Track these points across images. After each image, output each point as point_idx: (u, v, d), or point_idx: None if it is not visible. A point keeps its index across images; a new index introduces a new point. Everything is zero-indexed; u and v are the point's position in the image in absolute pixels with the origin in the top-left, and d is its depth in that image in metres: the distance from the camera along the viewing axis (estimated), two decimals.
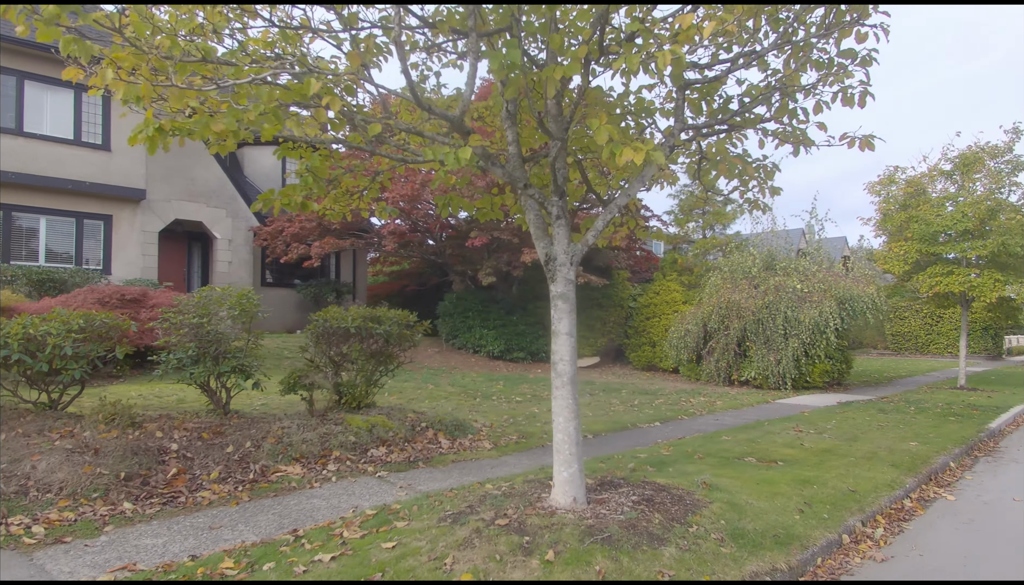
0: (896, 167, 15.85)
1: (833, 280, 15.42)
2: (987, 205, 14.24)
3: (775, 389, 14.77)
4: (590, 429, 8.93)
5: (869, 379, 18.53)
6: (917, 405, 12.22)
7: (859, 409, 11.43)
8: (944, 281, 14.92)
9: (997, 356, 33.62)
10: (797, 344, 14.55)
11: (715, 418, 10.38)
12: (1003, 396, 14.45)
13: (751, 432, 8.72)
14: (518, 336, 18.65)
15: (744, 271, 16.09)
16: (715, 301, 15.98)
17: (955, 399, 13.46)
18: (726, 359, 15.62)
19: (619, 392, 13.40)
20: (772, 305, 15.09)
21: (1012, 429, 10.87)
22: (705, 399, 12.63)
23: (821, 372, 15.10)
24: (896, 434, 8.88)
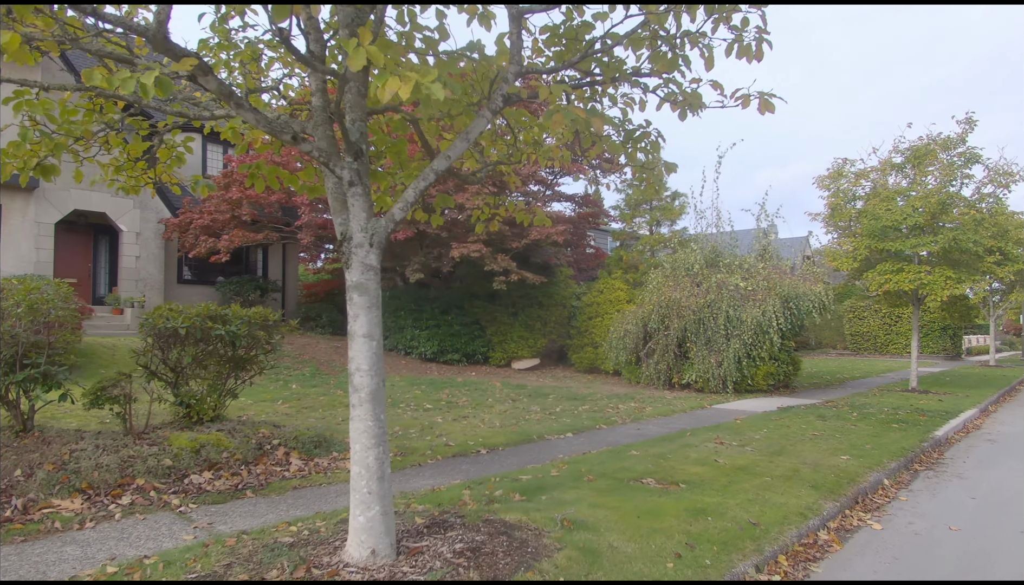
0: (845, 159, 15.05)
1: (778, 278, 14.56)
2: (938, 198, 13.47)
3: (716, 393, 13.84)
4: (489, 442, 7.83)
5: (820, 381, 17.75)
6: (861, 410, 11.35)
7: (797, 415, 10.51)
8: (894, 279, 14.14)
9: (956, 356, 33.38)
10: (739, 345, 13.64)
11: (637, 427, 9.35)
12: (955, 399, 13.70)
13: (666, 445, 7.69)
14: (452, 337, 17.51)
15: (686, 268, 15.15)
16: (655, 300, 15.02)
17: (903, 403, 12.65)
18: (666, 361, 14.66)
19: (546, 398, 12.33)
20: (714, 304, 14.17)
21: (960, 437, 10.04)
22: (635, 405, 11.62)
23: (765, 374, 14.21)
24: (829, 445, 7.93)
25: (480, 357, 17.91)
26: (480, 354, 17.87)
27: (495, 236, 15.61)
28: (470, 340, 17.72)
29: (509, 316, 18.04)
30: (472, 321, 18.11)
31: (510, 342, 17.88)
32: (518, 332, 17.92)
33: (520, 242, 15.85)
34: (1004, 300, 28.61)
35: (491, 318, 18.05)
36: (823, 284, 15.04)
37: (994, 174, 14.61)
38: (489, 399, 11.88)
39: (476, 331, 17.96)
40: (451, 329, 17.60)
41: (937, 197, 13.46)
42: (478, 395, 12.40)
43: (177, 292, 17.90)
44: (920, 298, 15.23)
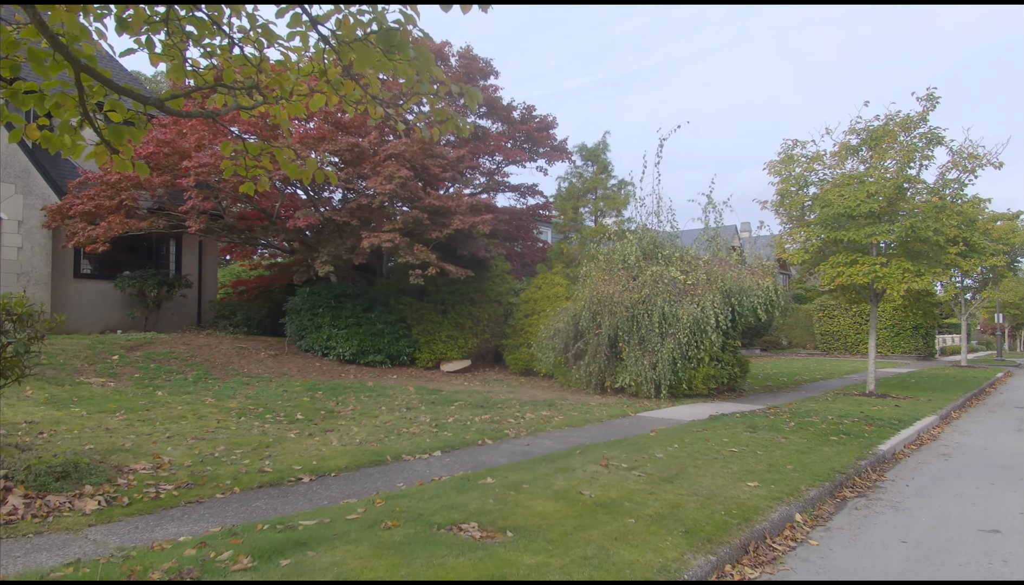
0: (795, 141, 13.68)
1: (721, 270, 13.15)
2: (894, 183, 12.13)
3: (650, 398, 12.41)
4: (324, 466, 6.32)
5: (775, 384, 16.40)
6: (802, 418, 9.95)
7: (725, 426, 9.08)
8: (847, 272, 12.81)
9: (929, 356, 32.31)
10: (673, 345, 12.21)
11: (527, 443, 7.87)
12: (914, 405, 12.38)
13: (538, 469, 6.21)
14: (375, 336, 15.96)
15: (623, 260, 13.70)
16: (587, 295, 13.57)
17: (853, 410, 11.28)
18: (597, 363, 13.20)
19: (449, 406, 10.83)
20: (649, 299, 12.73)
21: (910, 451, 8.66)
22: (547, 414, 10.14)
23: (705, 378, 12.80)
24: (741, 466, 6.49)
25: (406, 358, 16.37)
26: (406, 355, 16.34)
27: (413, 224, 14.09)
28: (394, 340, 16.18)
29: (438, 314, 16.52)
30: (398, 319, 16.57)
31: (438, 342, 16.36)
32: (447, 331, 16.40)
33: (442, 231, 14.34)
34: (977, 297, 27.53)
35: (418, 316, 16.52)
36: (772, 278, 13.65)
37: (958, 157, 13.31)
38: (382, 408, 10.36)
39: (402, 330, 16.42)
40: (373, 328, 16.06)
41: (893, 181, 12.11)
42: (375, 403, 10.88)
43: (70, 288, 16.21)
44: (878, 293, 13.91)
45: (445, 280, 16.25)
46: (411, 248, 13.68)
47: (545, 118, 20.08)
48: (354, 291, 16.91)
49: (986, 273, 24.93)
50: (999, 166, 13.18)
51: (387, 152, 13.89)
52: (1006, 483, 6.87)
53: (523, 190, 20.71)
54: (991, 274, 25.32)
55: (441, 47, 18.05)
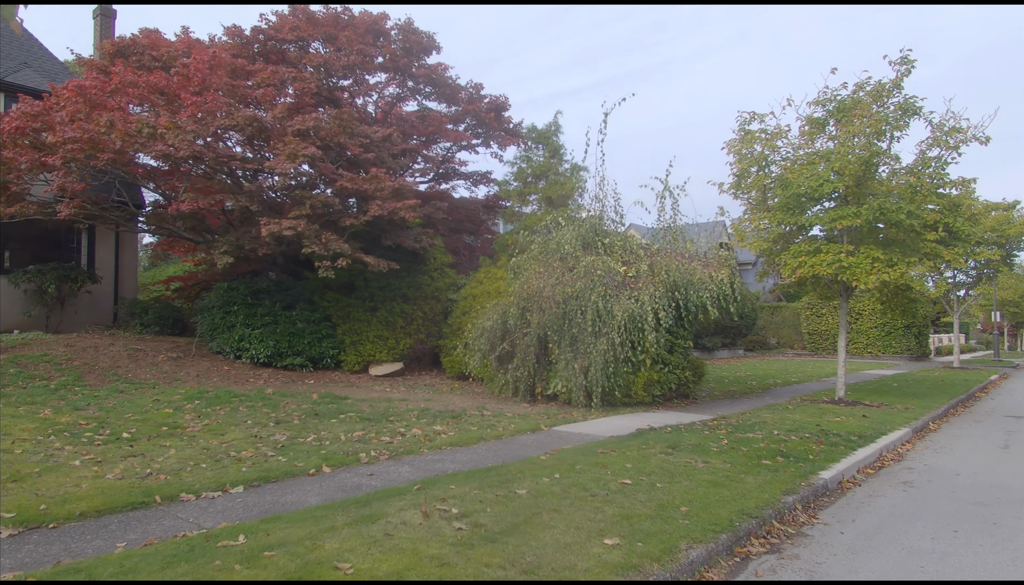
0: (752, 114, 12.01)
1: (666, 261, 11.51)
2: (859, 158, 10.48)
3: (583, 407, 10.79)
4: (62, 510, 4.75)
5: (738, 390, 14.76)
6: (743, 434, 8.32)
7: (641, 446, 7.45)
8: (809, 262, 11.16)
9: (922, 356, 30.63)
10: (607, 346, 10.57)
11: (370, 474, 6.25)
12: (886, 414, 10.74)
13: (338, 516, 4.60)
14: (294, 336, 14.35)
15: (557, 250, 12.07)
16: (517, 289, 11.96)
17: (811, 421, 9.64)
18: (526, 367, 11.57)
19: (335, 418, 9.23)
20: (582, 294, 11.10)
21: (864, 477, 7.02)
22: (440, 429, 8.51)
23: (647, 383, 11.17)
24: (615, 511, 4.86)
25: (330, 361, 14.75)
26: (330, 358, 14.72)
27: (323, 210, 12.46)
28: (316, 341, 14.56)
29: (366, 312, 14.90)
30: (322, 318, 14.95)
31: (365, 343, 14.74)
32: (376, 331, 14.78)
33: (359, 218, 12.71)
34: (971, 294, 25.81)
35: (344, 314, 14.90)
36: (728, 270, 12.01)
37: (939, 132, 11.65)
38: (247, 422, 8.75)
39: (326, 330, 14.80)
40: (293, 327, 14.44)
41: (860, 157, 10.46)
42: (247, 415, 9.28)
43: None
44: (848, 288, 12.26)
45: (375, 274, 14.64)
46: (318, 237, 12.05)
47: (496, 99, 18.46)
48: (276, 286, 15.30)
49: (980, 267, 23.25)
50: (985, 141, 11.53)
51: (294, 128, 12.26)
52: (974, 529, 5.23)
53: (476, 178, 19.08)
54: (986, 269, 23.62)
55: (378, 20, 16.43)
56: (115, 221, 13.98)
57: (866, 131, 10.53)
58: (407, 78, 16.84)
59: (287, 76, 14.05)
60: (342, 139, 12.97)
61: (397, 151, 15.62)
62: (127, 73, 12.23)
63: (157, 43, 14.97)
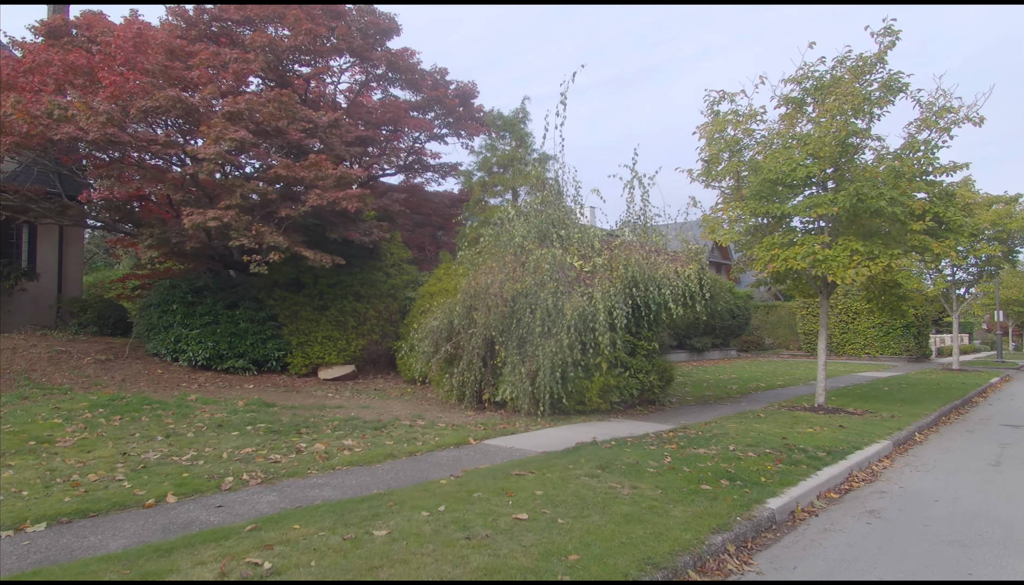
0: (721, 93, 10.94)
1: (626, 254, 10.47)
2: (834, 137, 9.41)
3: (531, 416, 9.77)
4: None
5: (714, 394, 13.69)
6: (693, 449, 7.27)
7: (567, 465, 6.41)
8: (783, 255, 10.10)
9: (922, 357, 29.46)
10: (555, 348, 9.53)
11: (218, 504, 5.23)
12: (867, 423, 9.68)
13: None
14: (236, 336, 13.35)
15: (509, 242, 11.05)
16: (464, 286, 10.95)
17: (778, 433, 8.59)
18: (472, 371, 10.55)
19: (238, 430, 8.23)
20: (532, 291, 10.07)
21: (824, 504, 5.98)
22: (351, 443, 7.50)
23: (603, 389, 10.13)
24: (482, 562, 3.84)
25: (275, 364, 13.76)
26: (275, 360, 13.72)
27: (258, 201, 11.46)
28: (260, 342, 13.57)
29: (314, 311, 13.89)
30: (268, 317, 13.95)
31: (314, 344, 13.73)
32: (325, 331, 13.77)
33: (297, 209, 11.70)
34: (971, 292, 24.66)
35: (292, 313, 13.90)
36: (697, 265, 10.96)
37: (928, 112, 10.58)
38: (137, 434, 7.75)
39: (271, 330, 13.80)
40: (235, 327, 13.44)
41: (834, 135, 9.39)
42: (149, 425, 8.29)
43: None
44: (828, 284, 11.20)
45: (325, 271, 13.64)
46: (248, 229, 11.04)
47: (464, 86, 17.44)
48: (220, 283, 14.30)
49: (981, 264, 22.09)
50: (979, 122, 10.46)
51: (224, 109, 11.26)
52: (945, 581, 4.18)
53: (443, 169, 18.05)
54: (988, 266, 22.44)
55: None
56: (42, 213, 13.00)
57: (843, 109, 9.45)
58: (368, 64, 15.83)
59: (229, 57, 13.05)
60: (281, 123, 11.96)
61: (351, 139, 14.61)
62: (41, 51, 11.25)
63: (93, 23, 13.98)
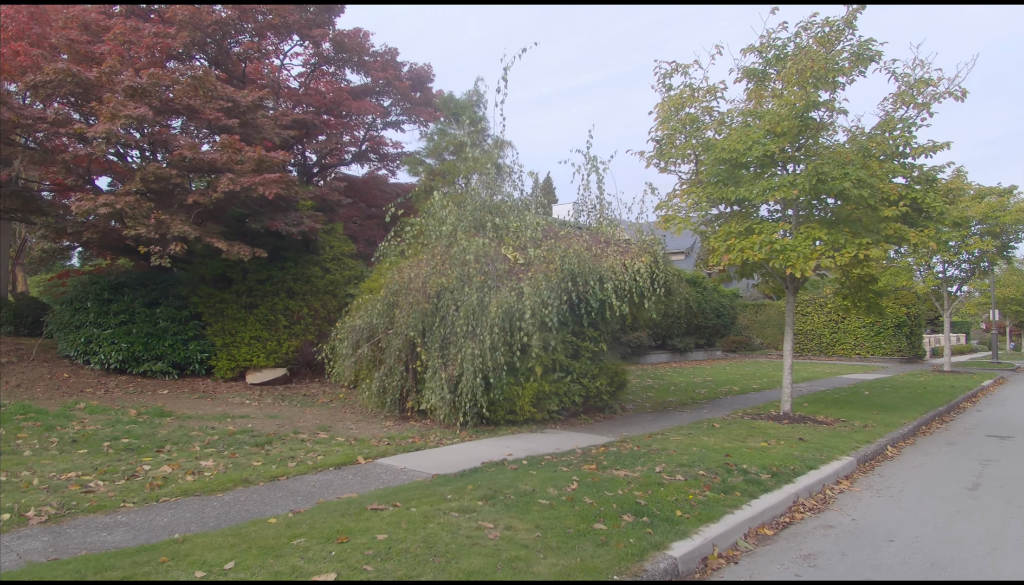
0: (674, 64, 9.80)
1: (565, 245, 9.35)
2: (793, 109, 8.28)
3: (455, 427, 8.65)
4: None
5: (678, 400, 12.56)
6: (618, 468, 6.15)
7: (452, 492, 5.28)
8: (739, 245, 8.97)
9: (914, 358, 28.28)
10: (477, 350, 8.39)
11: None
12: (833, 435, 8.56)
13: None
14: (153, 337, 12.22)
15: (437, 232, 9.92)
16: (388, 280, 9.83)
17: (722, 448, 7.45)
18: (394, 375, 9.42)
19: (89, 446, 7.09)
20: (457, 285, 8.94)
21: (755, 543, 4.86)
22: (207, 464, 6.37)
23: (537, 397, 8.99)
24: None
25: (198, 366, 12.62)
26: (198, 362, 12.58)
27: (156, 184, 10.32)
28: (181, 343, 12.43)
29: (242, 309, 12.75)
30: (191, 316, 12.82)
31: (241, 345, 12.59)
32: (253, 331, 12.63)
33: (210, 196, 10.56)
34: (964, 290, 23.48)
35: (217, 312, 12.76)
36: (649, 257, 9.83)
37: (904, 84, 9.46)
38: None
39: (194, 330, 12.67)
40: (153, 326, 12.31)
41: (791, 108, 8.25)
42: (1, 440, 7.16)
43: None
44: (796, 278, 10.05)
45: (254, 265, 12.53)
46: (147, 216, 9.90)
47: (418, 68, 16.30)
48: (142, 279, 13.17)
49: (974, 260, 20.91)
50: (962, 96, 9.34)
51: (124, 84, 10.12)
52: None
53: (393, 158, 16.90)
54: (982, 262, 21.22)
55: None
56: None
57: (804, 77, 8.31)
58: (308, 41, 14.69)
59: (147, 32, 11.93)
60: (195, 102, 10.82)
61: (287, 122, 13.47)
62: None
63: None
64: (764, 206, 10.40)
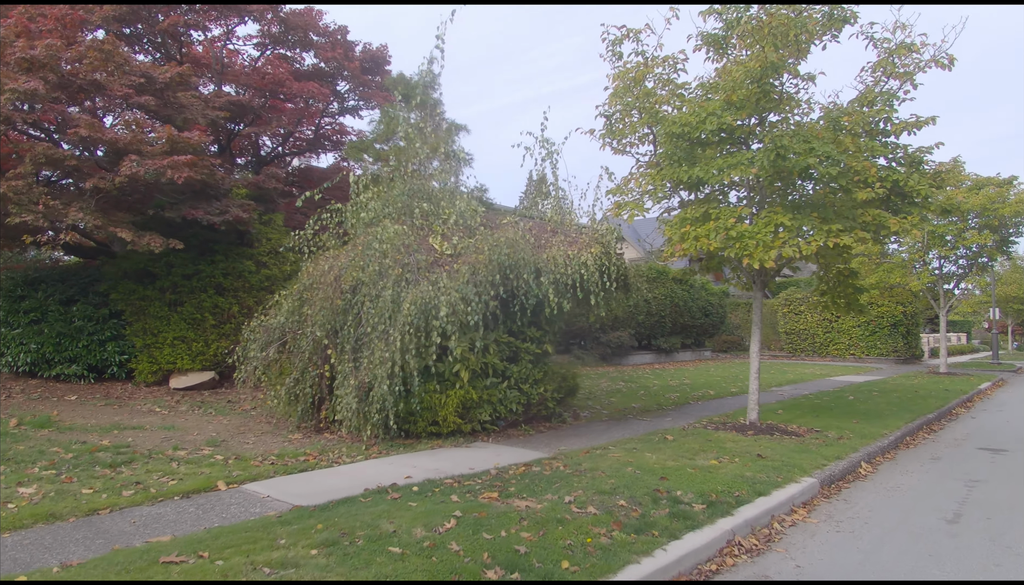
0: (625, 29, 8.69)
1: (499, 235, 8.25)
2: (752, 74, 7.18)
3: (367, 439, 7.57)
4: None
5: (639, 406, 11.48)
6: (521, 498, 5.05)
7: (297, 536, 4.21)
8: (694, 232, 7.87)
9: (911, 359, 27.11)
10: (386, 352, 7.31)
11: None
12: (797, 451, 7.46)
13: None
14: (66, 337, 11.18)
15: (354, 221, 8.84)
16: (303, 274, 8.77)
17: (663, 467, 6.35)
18: (306, 381, 8.34)
19: None
20: (372, 280, 7.85)
21: None
22: (26, 492, 5.28)
23: (465, 406, 7.90)
24: None
25: (118, 369, 11.57)
26: (117, 365, 11.55)
27: (47, 165, 9.25)
28: (98, 343, 11.39)
29: (165, 306, 11.67)
30: (112, 314, 11.76)
31: (164, 346, 11.52)
32: (177, 331, 11.56)
33: (108, 180, 9.48)
34: (961, 288, 22.30)
35: (139, 310, 11.69)
36: (600, 248, 8.74)
37: (885, 52, 8.37)
38: None
39: (112, 329, 11.62)
40: (67, 326, 11.26)
41: (748, 72, 7.15)
42: None
43: None
44: (764, 270, 8.97)
45: (181, 259, 11.49)
46: (35, 202, 8.83)
47: (373, 50, 15.23)
48: (59, 275, 12.12)
49: (972, 255, 19.74)
50: (949, 64, 8.24)
51: (16, 54, 9.06)
52: None
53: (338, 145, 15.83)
54: (981, 257, 20.01)
55: None
56: None
57: (763, 33, 7.20)
58: (248, 17, 13.62)
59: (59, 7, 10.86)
60: (100, 76, 9.75)
61: (220, 103, 12.40)
62: None
63: None
64: (734, 193, 9.33)
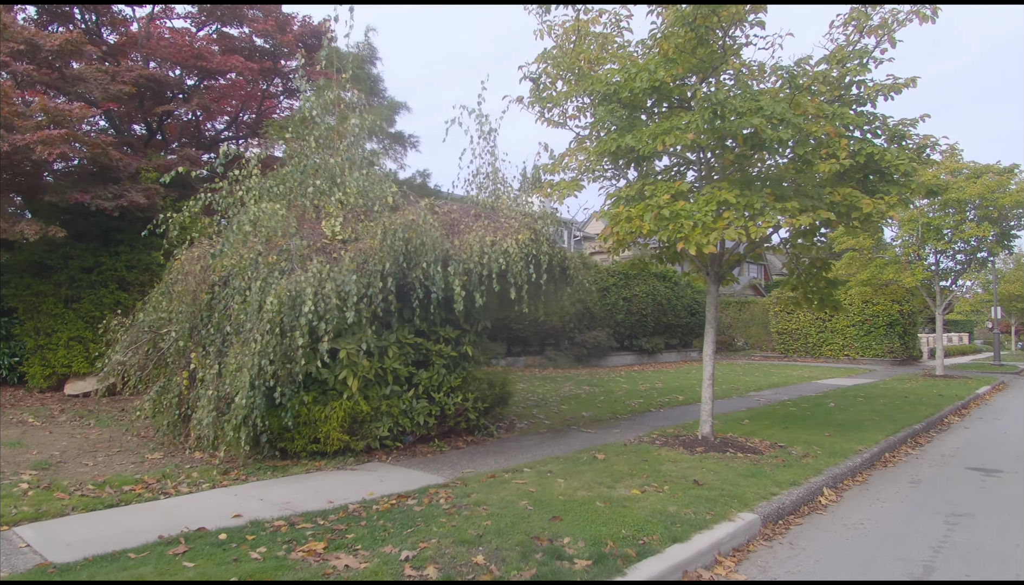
0: None
1: (396, 218, 7.00)
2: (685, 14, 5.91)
3: (235, 460, 6.32)
4: None
5: (590, 415, 10.22)
6: (351, 554, 3.80)
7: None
8: (626, 213, 6.60)
9: (908, 360, 25.79)
10: (244, 356, 6.06)
11: None
12: (745, 474, 6.22)
13: None
14: None
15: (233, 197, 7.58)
16: (174, 267, 7.54)
17: (557, 500, 5.09)
18: (173, 389, 7.11)
19: None
20: (240, 271, 6.60)
21: None
22: None
23: (354, 420, 6.64)
24: None
25: (8, 373, 10.33)
26: (7, 368, 10.31)
27: None
28: (15, 345, 10.15)
29: (60, 303, 10.45)
30: (3, 311, 10.53)
31: (58, 348, 10.30)
32: (74, 330, 10.34)
33: None
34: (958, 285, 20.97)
35: (32, 306, 10.47)
36: (529, 234, 7.49)
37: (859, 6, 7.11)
38: None
39: (4, 328, 10.38)
40: None
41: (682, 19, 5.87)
42: None
43: None
44: (719, 259, 7.70)
45: (80, 251, 10.27)
46: None
47: (314, 26, 14.01)
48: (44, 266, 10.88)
49: (969, 249, 18.43)
50: (932, 16, 6.99)
51: None
52: None
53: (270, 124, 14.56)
54: (980, 251, 18.67)
55: None
56: None
57: None
58: None
59: None
60: None
61: (130, 77, 11.16)
62: None
63: None
64: (691, 172, 8.06)
